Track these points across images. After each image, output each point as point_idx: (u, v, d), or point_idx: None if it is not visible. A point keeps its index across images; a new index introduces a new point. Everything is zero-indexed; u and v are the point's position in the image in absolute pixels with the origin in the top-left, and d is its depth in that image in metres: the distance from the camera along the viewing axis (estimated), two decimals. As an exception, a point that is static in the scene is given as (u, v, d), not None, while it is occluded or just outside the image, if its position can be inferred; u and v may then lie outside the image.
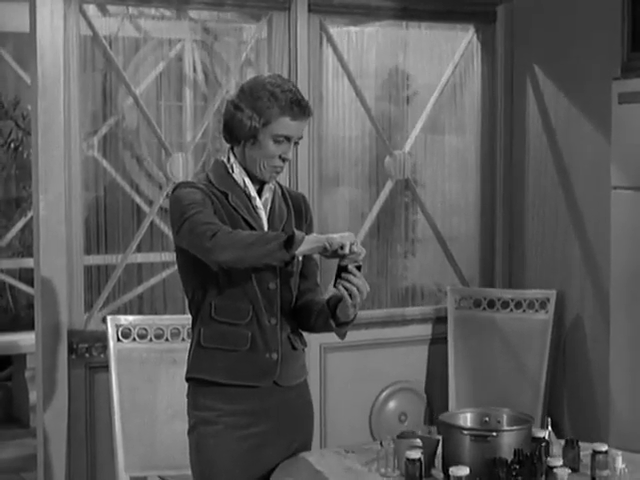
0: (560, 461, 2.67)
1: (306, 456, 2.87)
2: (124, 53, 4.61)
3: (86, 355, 4.02)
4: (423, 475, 2.66)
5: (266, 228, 2.79)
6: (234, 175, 2.80)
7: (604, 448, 2.75)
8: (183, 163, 4.27)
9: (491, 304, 4.67)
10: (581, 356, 4.53)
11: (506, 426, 2.85)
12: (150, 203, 4.63)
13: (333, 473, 2.78)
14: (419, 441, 2.75)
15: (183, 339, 3.83)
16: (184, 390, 2.85)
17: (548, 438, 2.82)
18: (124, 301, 4.54)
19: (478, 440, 2.70)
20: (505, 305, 4.64)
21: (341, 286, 2.65)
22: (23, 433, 5.88)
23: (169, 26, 4.75)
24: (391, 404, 4.65)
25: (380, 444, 2.83)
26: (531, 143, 4.76)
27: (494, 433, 2.71)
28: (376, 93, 4.79)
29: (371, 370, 4.58)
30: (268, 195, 2.83)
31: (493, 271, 4.87)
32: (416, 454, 2.65)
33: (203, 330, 2.77)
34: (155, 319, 3.94)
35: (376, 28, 4.73)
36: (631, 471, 2.71)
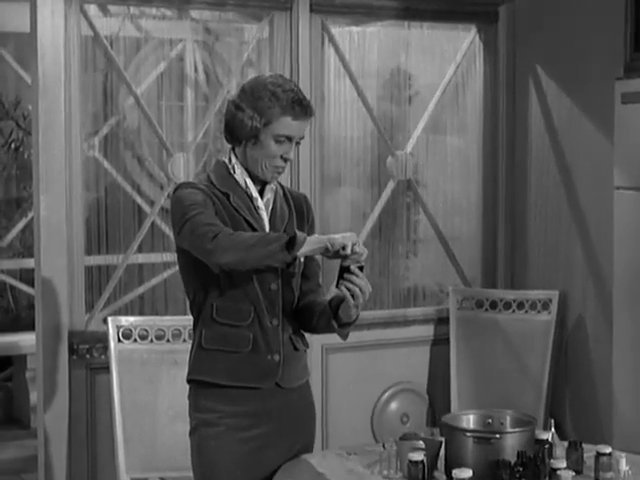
0: (564, 463, 2.66)
1: (308, 458, 2.86)
2: (125, 53, 4.60)
3: (87, 356, 4.01)
4: (426, 477, 2.65)
5: (268, 229, 2.78)
6: (235, 176, 2.79)
7: (608, 450, 2.73)
8: (184, 163, 4.26)
9: (493, 305, 4.65)
10: (584, 357, 4.52)
11: (509, 428, 2.84)
12: (151, 203, 4.63)
13: (335, 475, 2.77)
14: (422, 443, 2.74)
15: (184, 340, 3.82)
16: (185, 391, 2.84)
17: (551, 440, 2.81)
18: (125, 302, 4.53)
19: (481, 442, 2.69)
20: (507, 306, 4.63)
21: (343, 287, 2.64)
22: (24, 434, 5.87)
23: (170, 26, 4.75)
24: (393, 405, 4.64)
25: (382, 446, 2.82)
26: (533, 143, 4.75)
27: (497, 435, 2.70)
28: (378, 93, 4.78)
29: (373, 371, 4.56)
30: (270, 196, 2.82)
31: (495, 271, 4.86)
32: (419, 456, 2.64)
33: (204, 332, 2.76)
34: (156, 320, 3.93)
35: (378, 28, 4.72)
36: (635, 473, 2.70)
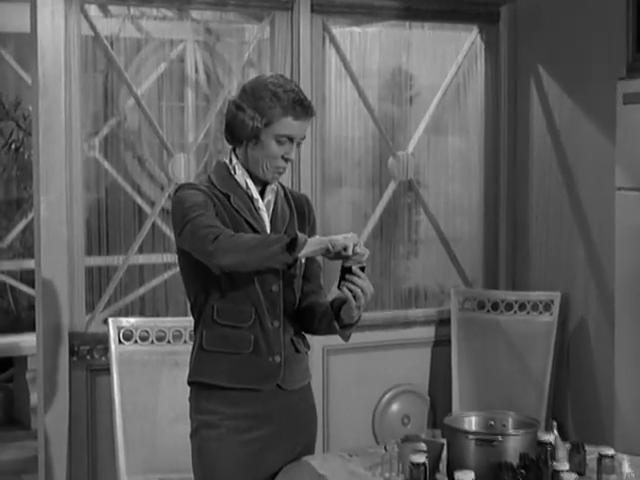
0: (566, 465, 2.65)
1: (309, 460, 2.85)
2: (126, 53, 4.60)
3: (87, 357, 4.00)
4: None
5: (268, 230, 2.77)
6: (236, 177, 2.78)
7: (611, 452, 2.72)
8: (185, 164, 4.25)
9: (495, 306, 4.64)
10: (585, 358, 4.50)
11: (511, 430, 2.83)
12: (152, 204, 4.62)
13: (336, 477, 2.77)
14: (423, 445, 2.73)
15: (185, 341, 3.81)
16: (186, 393, 2.84)
17: (554, 442, 2.79)
18: (126, 303, 4.52)
19: (483, 444, 2.68)
20: (509, 307, 4.61)
21: (345, 288, 2.63)
22: (24, 435, 5.86)
23: (171, 26, 4.74)
24: (394, 407, 4.62)
25: (384, 448, 2.81)
26: (535, 144, 4.74)
27: (500, 437, 2.70)
28: (379, 93, 4.77)
29: (374, 372, 4.55)
30: (271, 197, 2.81)
31: (497, 272, 4.85)
32: (420, 458, 2.62)
33: (205, 333, 2.75)
34: (157, 321, 3.92)
35: (379, 28, 4.71)
36: (638, 476, 2.69)
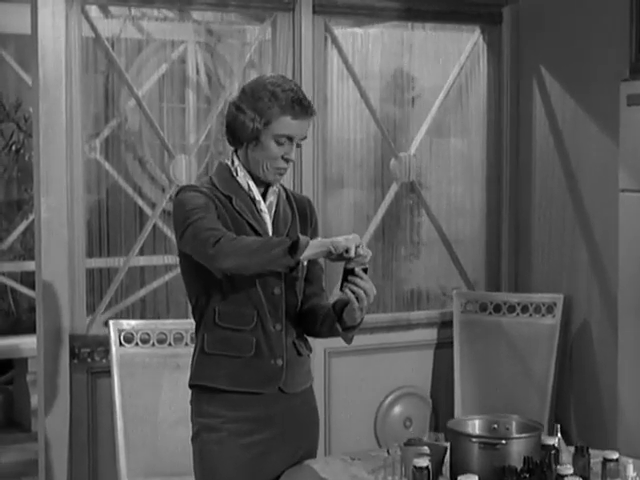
0: (570, 469, 2.63)
1: (311, 463, 2.84)
2: (126, 55, 4.59)
3: (88, 360, 3.99)
4: (431, 483, 2.62)
5: (271, 232, 2.76)
6: (238, 178, 2.76)
7: (615, 456, 2.71)
8: (186, 165, 4.24)
9: (497, 308, 4.63)
10: (588, 361, 4.49)
11: (515, 433, 2.81)
12: (153, 206, 4.61)
13: (339, 481, 2.75)
14: (426, 448, 2.71)
15: (186, 344, 3.80)
16: (187, 395, 2.82)
17: (558, 445, 2.78)
18: (126, 304, 4.51)
19: (487, 448, 2.66)
20: (511, 309, 4.60)
21: (347, 289, 2.61)
22: (24, 437, 5.84)
23: (172, 28, 4.74)
24: (396, 409, 4.61)
25: (387, 452, 2.79)
26: (537, 145, 4.72)
27: (503, 441, 2.68)
28: (381, 95, 4.76)
29: (376, 375, 4.54)
30: (272, 198, 2.80)
31: (499, 274, 4.83)
32: (424, 462, 2.61)
33: (207, 336, 2.74)
34: (158, 323, 3.90)
35: (381, 29, 4.70)
36: (643, 479, 2.67)
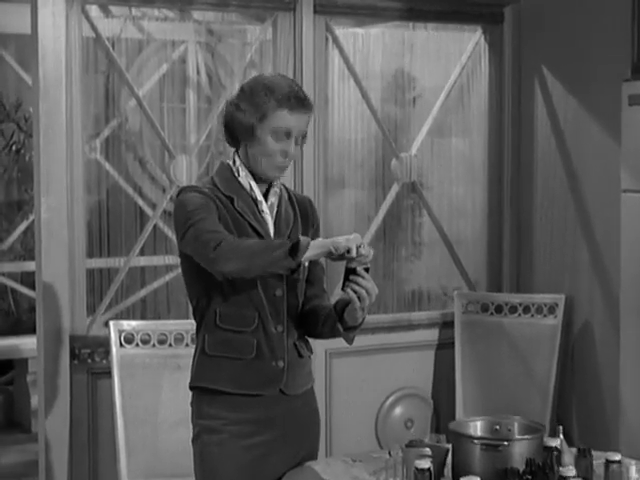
0: (573, 471, 2.61)
1: (312, 465, 2.83)
2: (127, 55, 4.58)
3: (88, 360, 3.98)
4: (432, 485, 2.61)
5: (272, 233, 2.74)
6: (240, 179, 2.75)
7: (617, 457, 2.69)
8: (187, 166, 4.23)
9: (499, 309, 4.62)
10: (590, 362, 4.48)
11: (517, 435, 2.80)
12: (153, 206, 4.60)
13: (340, 482, 2.74)
14: (428, 450, 2.70)
15: (187, 344, 3.78)
16: (188, 397, 2.81)
17: (560, 447, 2.76)
18: (127, 305, 4.51)
19: (489, 449, 2.65)
20: (513, 310, 4.59)
21: (349, 289, 2.60)
22: (25, 438, 5.84)
23: (172, 27, 4.73)
24: (397, 410, 4.60)
25: (388, 453, 2.78)
26: (539, 145, 4.71)
27: (505, 442, 2.67)
28: (382, 95, 4.75)
29: (377, 376, 4.53)
30: (274, 199, 2.78)
31: (501, 275, 4.82)
32: (425, 463, 2.59)
33: (207, 338, 2.72)
34: (158, 324, 3.89)
35: (382, 29, 4.70)
36: (645, 481, 2.66)
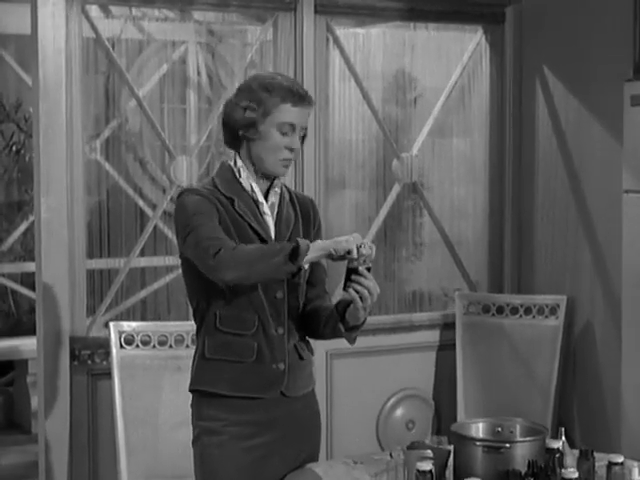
0: (575, 473, 2.60)
1: (313, 467, 2.82)
2: (127, 55, 4.57)
3: (88, 362, 3.97)
4: (434, 487, 2.60)
5: (273, 234, 2.73)
6: (241, 180, 2.74)
7: (620, 459, 2.68)
8: (187, 166, 4.22)
9: (500, 310, 4.60)
10: (592, 362, 4.47)
11: (519, 437, 2.79)
12: (154, 207, 4.59)
13: (341, 484, 2.73)
14: (430, 452, 2.69)
15: (187, 346, 3.77)
16: (188, 398, 2.80)
17: (562, 449, 2.75)
18: (127, 306, 4.49)
19: (491, 451, 2.64)
20: (514, 311, 4.57)
21: (351, 289, 2.58)
22: (25, 439, 5.83)
23: (173, 28, 4.72)
24: (398, 411, 4.59)
25: (390, 455, 2.77)
26: (540, 146, 4.70)
27: (507, 444, 2.66)
28: (383, 95, 4.74)
29: (378, 377, 4.52)
30: (274, 199, 2.77)
31: (502, 276, 4.81)
32: (427, 466, 2.58)
33: (207, 341, 2.71)
34: (159, 325, 3.88)
35: (383, 29, 4.68)
36: (648, 483, 2.64)
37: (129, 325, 3.82)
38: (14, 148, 6.46)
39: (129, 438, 3.67)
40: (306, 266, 2.56)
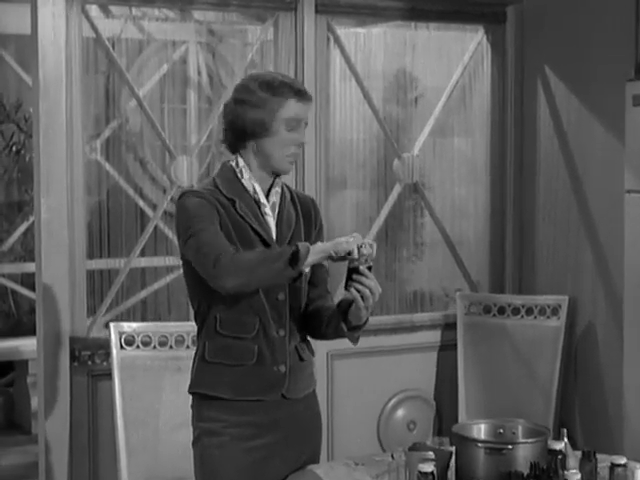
0: (577, 475, 2.59)
1: (314, 468, 2.81)
2: (127, 55, 4.56)
3: (89, 362, 3.96)
4: (436, 489, 2.58)
5: (274, 235, 2.72)
6: (243, 181, 2.73)
7: (622, 461, 2.67)
8: (187, 166, 4.21)
9: (501, 310, 4.59)
10: (593, 363, 4.46)
11: (521, 438, 2.78)
12: (154, 207, 4.58)
13: (342, 486, 2.72)
14: (431, 454, 2.67)
15: (188, 346, 3.76)
16: (189, 399, 2.79)
17: (564, 450, 2.74)
18: (127, 306, 4.49)
19: (493, 453, 2.63)
20: (516, 311, 4.56)
21: (353, 289, 2.58)
22: (25, 440, 5.82)
23: (173, 28, 4.71)
24: (400, 412, 4.58)
25: (391, 456, 2.76)
26: (542, 146, 4.69)
27: (509, 446, 2.65)
28: (384, 95, 4.73)
29: (379, 378, 4.51)
30: (275, 199, 2.76)
31: (503, 276, 4.81)
32: (429, 467, 2.57)
33: (208, 344, 2.70)
34: (159, 326, 3.87)
35: (384, 29, 4.68)
36: (651, 485, 2.63)
37: (129, 326, 3.81)
38: (14, 148, 6.45)
39: (129, 439, 3.66)
40: (307, 270, 2.56)
